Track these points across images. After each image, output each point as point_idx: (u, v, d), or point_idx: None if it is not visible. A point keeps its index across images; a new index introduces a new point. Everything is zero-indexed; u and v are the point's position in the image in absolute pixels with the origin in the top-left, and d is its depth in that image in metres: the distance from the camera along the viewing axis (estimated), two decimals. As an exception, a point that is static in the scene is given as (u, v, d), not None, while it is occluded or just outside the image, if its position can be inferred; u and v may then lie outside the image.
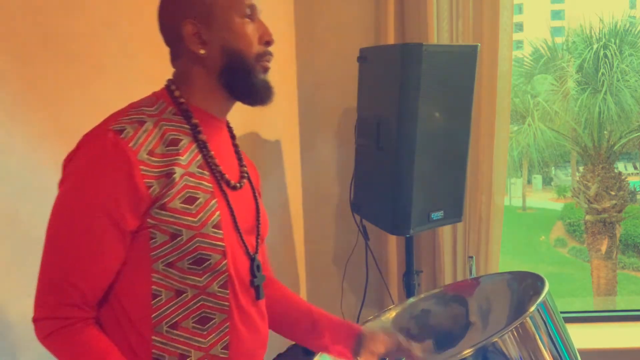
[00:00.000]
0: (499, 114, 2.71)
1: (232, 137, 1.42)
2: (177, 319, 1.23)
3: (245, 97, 1.31)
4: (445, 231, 2.78)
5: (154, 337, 1.22)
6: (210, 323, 1.25)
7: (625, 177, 11.87)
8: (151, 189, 1.17)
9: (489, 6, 2.67)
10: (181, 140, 1.24)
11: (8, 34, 1.63)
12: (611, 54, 11.61)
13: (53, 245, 1.19)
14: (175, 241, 1.20)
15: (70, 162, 1.21)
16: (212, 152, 1.28)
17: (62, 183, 1.22)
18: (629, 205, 11.99)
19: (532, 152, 12.27)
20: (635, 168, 14.64)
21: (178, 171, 1.20)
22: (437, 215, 2.39)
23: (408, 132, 2.24)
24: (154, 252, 1.20)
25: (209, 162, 1.27)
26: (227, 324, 1.27)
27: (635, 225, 13.33)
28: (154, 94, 1.31)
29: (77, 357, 1.19)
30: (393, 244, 2.84)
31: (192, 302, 1.23)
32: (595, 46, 11.81)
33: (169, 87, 1.30)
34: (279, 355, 2.53)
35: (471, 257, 2.70)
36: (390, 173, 2.31)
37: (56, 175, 1.25)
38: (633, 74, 11.69)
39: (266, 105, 1.32)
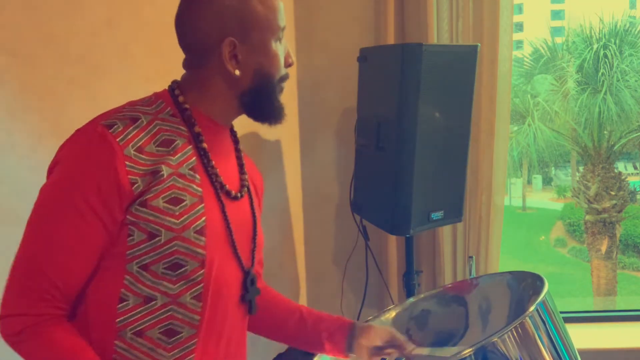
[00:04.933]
0: (499, 114, 2.70)
1: (236, 141, 1.39)
2: (142, 326, 1.18)
3: (262, 118, 1.30)
4: (445, 231, 2.78)
5: (116, 342, 1.18)
6: (177, 337, 1.20)
7: (625, 177, 11.90)
8: (135, 185, 1.14)
9: (489, 6, 2.67)
10: (174, 141, 1.21)
11: (8, 34, 1.63)
12: (611, 54, 11.63)
13: (32, 235, 1.15)
14: (152, 241, 1.16)
15: (59, 152, 1.20)
16: (213, 162, 1.26)
17: (49, 172, 1.20)
18: (629, 205, 12.01)
19: (532, 152, 12.30)
20: (635, 168, 14.64)
21: (166, 170, 1.17)
22: (437, 215, 2.39)
23: (408, 132, 2.24)
24: (130, 251, 1.16)
25: (207, 170, 1.25)
26: (195, 339, 1.21)
27: (635, 225, 13.34)
28: (155, 94, 1.29)
29: (47, 356, 1.14)
30: (393, 244, 2.83)
31: (160, 311, 1.18)
32: (595, 46, 11.83)
33: (172, 91, 1.27)
34: (279, 355, 2.53)
35: (471, 257, 2.70)
36: (390, 173, 2.31)
37: (56, 175, 1.24)
38: (633, 74, 11.71)
39: (276, 123, 1.31)
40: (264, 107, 1.28)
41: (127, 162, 1.14)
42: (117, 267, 1.17)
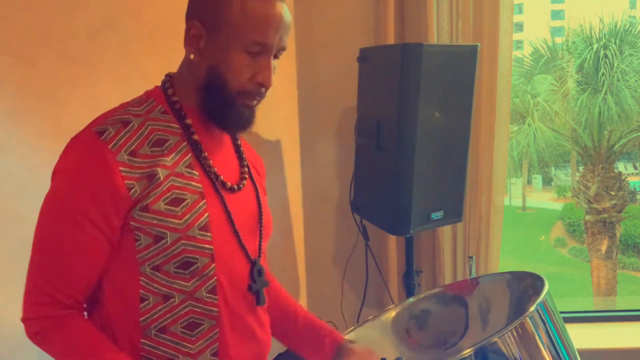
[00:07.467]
0: (499, 114, 2.70)
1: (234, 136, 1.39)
2: (165, 323, 1.21)
3: (211, 119, 1.27)
4: (445, 231, 2.78)
5: (142, 340, 1.21)
6: (199, 329, 1.23)
7: (625, 177, 11.89)
8: (132, 190, 1.15)
9: (489, 6, 2.67)
10: (167, 140, 1.22)
11: (8, 34, 1.63)
12: (611, 54, 11.62)
13: (38, 246, 1.20)
14: (159, 244, 1.18)
15: (58, 160, 1.21)
16: (206, 153, 1.26)
17: (51, 178, 1.22)
18: (629, 205, 12.00)
19: (532, 152, 12.28)
20: (635, 168, 14.65)
21: (162, 172, 1.18)
22: (437, 215, 2.39)
23: (408, 132, 2.24)
24: (140, 255, 1.19)
25: (202, 163, 1.25)
26: (217, 330, 1.24)
27: (635, 225, 13.34)
28: (146, 92, 1.29)
29: (68, 351, 1.19)
30: (393, 244, 2.83)
31: (179, 308, 1.21)
32: (595, 46, 11.83)
33: (163, 85, 1.29)
34: (279, 356, 2.53)
35: (471, 257, 2.70)
36: (390, 173, 2.31)
37: (56, 175, 1.25)
38: (633, 74, 11.70)
39: (235, 133, 1.33)
40: (215, 110, 1.24)
41: (121, 168, 1.15)
42: (131, 270, 1.20)
